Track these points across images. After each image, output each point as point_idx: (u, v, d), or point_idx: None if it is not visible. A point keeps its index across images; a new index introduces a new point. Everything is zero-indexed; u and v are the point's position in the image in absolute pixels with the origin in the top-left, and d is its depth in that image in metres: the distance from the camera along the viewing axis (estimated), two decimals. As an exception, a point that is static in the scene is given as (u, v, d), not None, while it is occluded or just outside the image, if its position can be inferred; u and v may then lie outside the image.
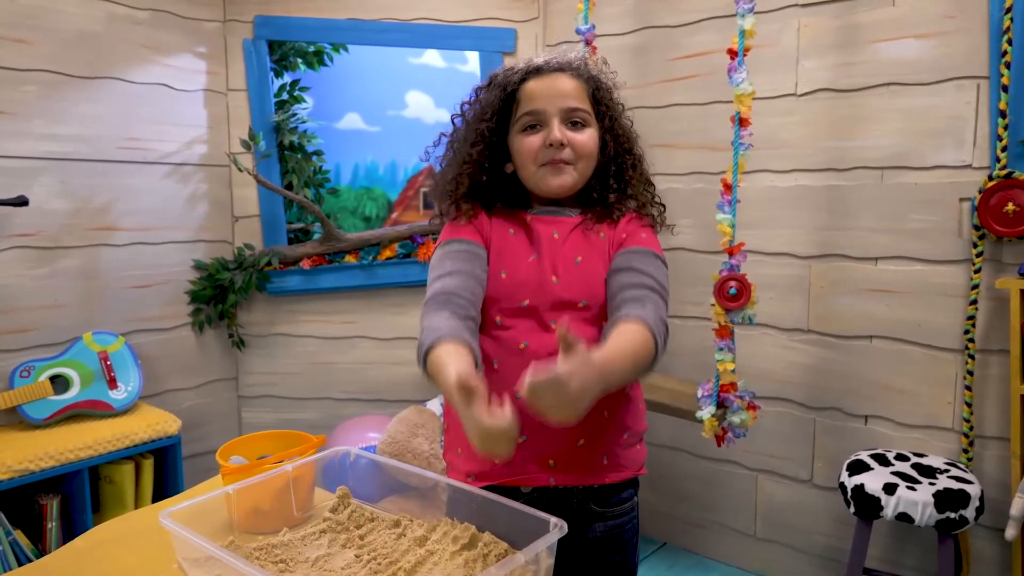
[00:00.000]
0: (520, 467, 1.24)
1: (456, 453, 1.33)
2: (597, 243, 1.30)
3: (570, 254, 1.28)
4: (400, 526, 1.15)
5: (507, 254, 1.28)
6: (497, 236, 1.30)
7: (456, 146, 1.35)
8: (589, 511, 1.28)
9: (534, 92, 1.28)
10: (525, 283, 1.25)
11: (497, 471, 1.25)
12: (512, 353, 1.23)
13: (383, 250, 3.10)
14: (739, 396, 2.27)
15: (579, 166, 1.29)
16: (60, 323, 2.61)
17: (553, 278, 1.25)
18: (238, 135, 2.99)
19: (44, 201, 2.55)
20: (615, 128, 1.34)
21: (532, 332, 1.24)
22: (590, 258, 1.28)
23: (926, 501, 1.93)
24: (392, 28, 3.07)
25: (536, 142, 1.27)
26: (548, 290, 1.25)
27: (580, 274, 1.27)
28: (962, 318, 2.21)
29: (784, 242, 2.56)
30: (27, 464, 2.21)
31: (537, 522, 1.02)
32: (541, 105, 1.27)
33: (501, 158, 1.33)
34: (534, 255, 1.28)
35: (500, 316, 1.25)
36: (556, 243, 1.28)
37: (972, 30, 2.15)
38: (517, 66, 1.32)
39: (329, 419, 3.12)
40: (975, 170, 2.17)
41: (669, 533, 2.96)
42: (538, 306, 1.24)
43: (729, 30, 2.27)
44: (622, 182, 1.34)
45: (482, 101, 1.33)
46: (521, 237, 1.30)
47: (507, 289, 1.25)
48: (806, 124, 2.48)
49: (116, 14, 2.71)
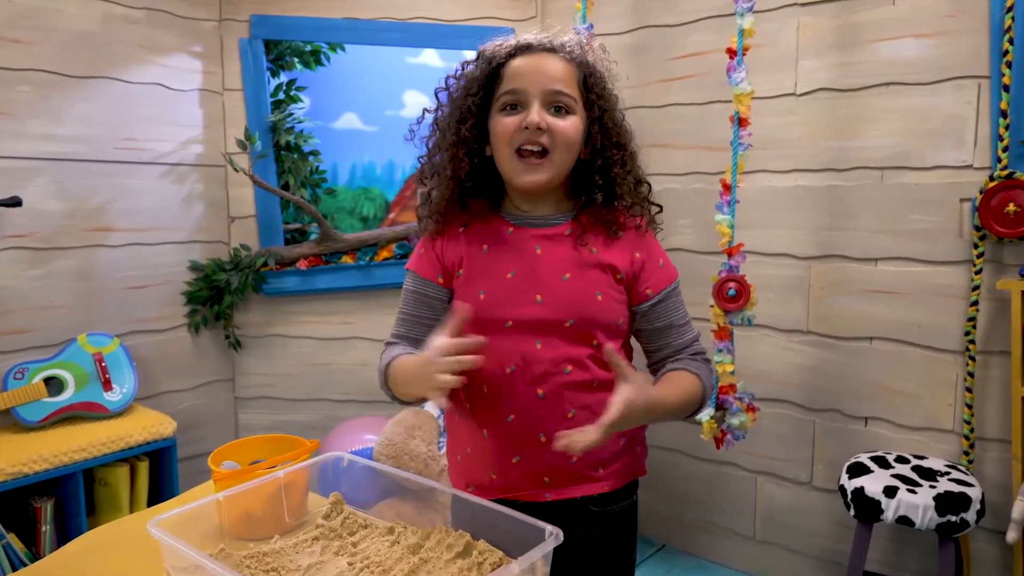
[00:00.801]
0: (515, 483, 1.22)
1: (456, 460, 1.31)
2: (589, 259, 1.23)
3: (557, 270, 1.21)
4: (394, 533, 1.14)
5: (483, 273, 1.23)
6: (469, 255, 1.24)
7: (442, 124, 1.27)
8: (587, 512, 1.26)
9: (519, 70, 1.20)
10: (505, 303, 1.20)
11: (492, 486, 1.24)
12: (499, 376, 1.20)
13: (380, 251, 3.09)
14: (738, 398, 2.26)
15: (555, 156, 1.19)
16: (55, 324, 2.59)
17: (537, 297, 1.20)
18: (234, 135, 2.97)
19: (39, 201, 2.53)
20: (605, 120, 1.23)
21: (517, 355, 1.20)
22: (580, 277, 1.22)
23: (927, 504, 1.91)
24: (389, 27, 3.06)
25: (513, 123, 1.18)
26: (531, 310, 1.20)
27: (568, 293, 1.20)
28: (963, 319, 2.20)
29: (783, 243, 2.54)
30: (21, 467, 2.19)
31: (533, 530, 1.01)
32: (523, 84, 1.19)
33: (483, 138, 1.24)
34: (511, 272, 1.22)
35: (485, 335, 1.19)
36: (539, 259, 1.22)
37: (973, 29, 2.14)
38: (508, 41, 1.25)
39: (326, 420, 3.10)
40: (976, 170, 2.16)
41: (668, 535, 2.95)
42: (522, 326, 1.20)
43: (727, 30, 2.25)
44: (608, 179, 1.24)
45: (467, 75, 1.25)
46: (497, 252, 1.24)
47: (487, 309, 1.20)
48: (805, 124, 2.46)
49: (112, 14, 2.69)
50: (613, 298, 1.23)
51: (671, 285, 1.28)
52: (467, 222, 1.27)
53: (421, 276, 1.27)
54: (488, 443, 1.23)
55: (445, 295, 1.27)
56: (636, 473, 1.33)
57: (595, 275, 1.22)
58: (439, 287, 1.26)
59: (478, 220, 1.27)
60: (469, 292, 1.22)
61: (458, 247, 1.25)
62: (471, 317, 1.13)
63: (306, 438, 1.47)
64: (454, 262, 1.25)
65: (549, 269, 1.21)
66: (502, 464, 1.23)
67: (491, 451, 1.23)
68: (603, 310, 1.22)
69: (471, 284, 1.23)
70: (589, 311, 1.21)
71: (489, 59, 1.23)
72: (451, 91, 1.27)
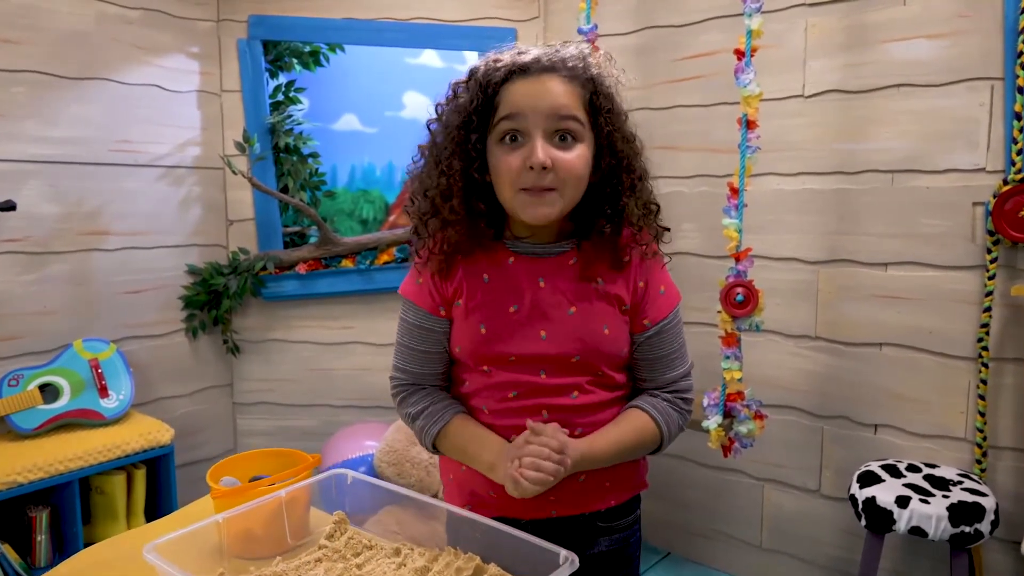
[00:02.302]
0: (518, 502, 1.14)
1: (449, 479, 1.28)
2: (594, 291, 1.16)
3: (561, 304, 1.15)
4: (400, 555, 1.09)
5: (483, 306, 1.17)
6: (469, 287, 1.17)
7: (434, 154, 1.15)
8: (593, 528, 1.24)
9: (517, 96, 1.08)
10: (506, 339, 1.15)
11: (493, 503, 1.20)
12: (502, 402, 1.18)
13: (380, 254, 3.05)
14: (746, 405, 2.22)
15: (565, 192, 1.09)
16: (50, 330, 2.55)
17: (542, 333, 1.15)
18: (232, 137, 2.93)
19: (34, 205, 2.49)
20: (614, 139, 1.13)
21: (520, 383, 1.16)
22: (586, 310, 1.16)
23: (940, 515, 1.88)
24: (389, 28, 3.02)
25: (515, 162, 1.07)
26: (535, 345, 1.15)
27: (573, 328, 1.15)
28: (976, 326, 2.16)
29: (791, 247, 2.50)
30: (15, 476, 2.15)
31: (546, 554, 0.96)
32: (523, 112, 1.07)
33: (481, 166, 1.12)
34: (514, 306, 1.16)
35: (486, 366, 1.18)
36: (542, 292, 1.16)
37: (985, 30, 2.10)
38: (502, 59, 1.12)
39: (326, 426, 3.06)
40: (989, 174, 2.12)
41: (673, 543, 2.91)
42: (525, 360, 1.16)
43: (734, 30, 2.22)
44: (616, 208, 1.15)
45: (460, 101, 1.13)
46: (499, 283, 1.17)
47: (489, 344, 1.16)
48: (814, 126, 2.42)
49: (107, 13, 2.65)
50: (620, 329, 1.18)
51: (670, 314, 1.22)
52: (467, 252, 1.18)
53: (422, 308, 1.21)
54: None
55: (448, 327, 1.21)
56: (639, 487, 1.31)
57: (601, 308, 1.17)
58: (441, 320, 1.20)
59: (476, 247, 1.18)
60: (468, 326, 1.17)
61: (456, 275, 1.19)
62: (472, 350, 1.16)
63: (306, 444, 1.44)
64: (453, 291, 1.19)
65: (553, 303, 1.15)
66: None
67: None
68: (609, 344, 1.17)
69: (471, 317, 1.17)
70: (596, 345, 1.16)
71: (483, 83, 1.10)
72: (443, 120, 1.16)
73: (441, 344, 1.22)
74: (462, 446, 1.19)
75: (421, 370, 1.24)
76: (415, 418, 1.22)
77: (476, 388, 1.20)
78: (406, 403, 1.24)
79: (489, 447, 1.15)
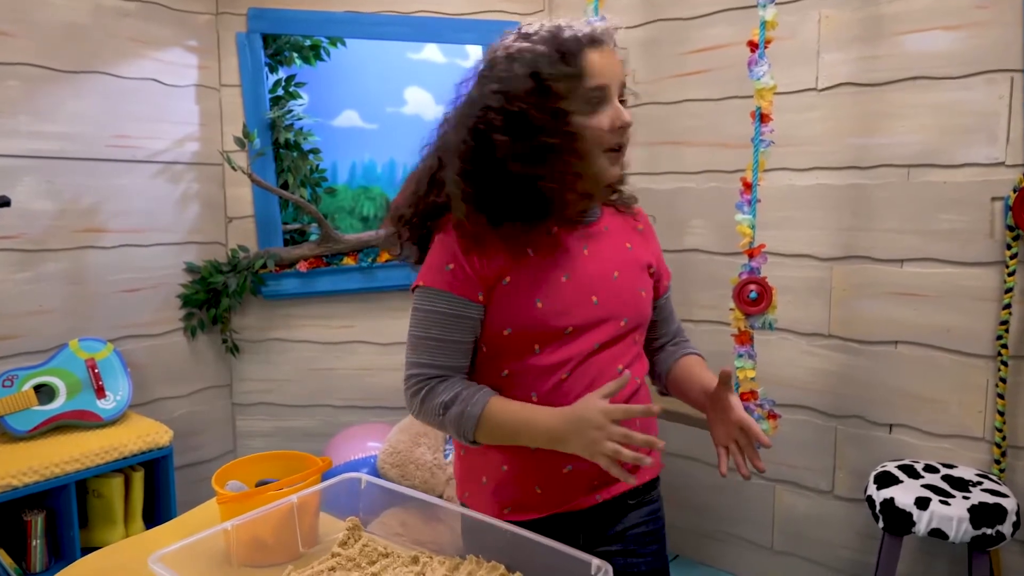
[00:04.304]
0: (566, 494, 1.17)
1: (481, 482, 1.21)
2: (629, 256, 1.25)
3: (606, 269, 1.21)
4: (419, 563, 1.04)
5: (535, 281, 1.14)
6: (514, 262, 1.14)
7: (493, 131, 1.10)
8: (624, 505, 1.26)
9: (599, 65, 1.12)
10: (567, 310, 1.15)
11: (538, 503, 1.17)
12: (551, 386, 1.15)
13: (382, 252, 3.00)
14: (759, 405, 2.19)
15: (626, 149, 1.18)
16: (45, 329, 2.50)
17: (593, 299, 1.17)
18: (231, 132, 2.88)
19: (28, 201, 2.44)
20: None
21: (571, 362, 1.15)
22: (627, 275, 1.23)
23: (961, 516, 1.84)
24: (391, 21, 2.97)
25: (605, 122, 1.12)
26: (590, 312, 1.17)
27: (619, 291, 1.21)
28: (994, 323, 2.11)
29: (804, 243, 2.46)
30: (10, 479, 2.10)
31: (575, 563, 0.91)
32: (606, 80, 1.13)
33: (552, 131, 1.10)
34: (565, 275, 1.16)
35: (538, 345, 1.15)
36: (588, 259, 1.20)
37: (1004, 21, 2.05)
38: (564, 30, 1.14)
39: (327, 427, 3.01)
40: (1008, 168, 2.08)
41: (682, 546, 2.87)
42: (581, 330, 1.16)
43: (743, 23, 2.17)
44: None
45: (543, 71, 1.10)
46: (545, 256, 1.16)
47: (547, 318, 1.14)
48: (827, 120, 2.38)
49: (103, 6, 2.60)
50: (650, 292, 1.28)
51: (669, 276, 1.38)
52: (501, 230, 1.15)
53: (458, 296, 1.14)
54: (535, 457, 1.16)
55: (483, 314, 1.16)
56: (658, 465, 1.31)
57: (636, 272, 1.25)
58: (478, 306, 1.15)
59: (513, 227, 1.14)
60: (522, 303, 1.14)
61: (498, 254, 1.14)
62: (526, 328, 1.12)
63: (307, 445, 1.40)
64: (496, 272, 1.14)
65: (599, 269, 1.20)
66: (551, 476, 1.17)
67: (538, 465, 1.16)
68: (646, 307, 1.26)
69: (523, 294, 1.14)
70: (639, 309, 1.24)
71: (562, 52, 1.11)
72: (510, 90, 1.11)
73: (475, 332, 1.17)
74: (510, 421, 1.11)
75: (450, 363, 1.17)
76: (448, 406, 1.12)
77: (521, 372, 1.16)
78: (433, 394, 1.14)
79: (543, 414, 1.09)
